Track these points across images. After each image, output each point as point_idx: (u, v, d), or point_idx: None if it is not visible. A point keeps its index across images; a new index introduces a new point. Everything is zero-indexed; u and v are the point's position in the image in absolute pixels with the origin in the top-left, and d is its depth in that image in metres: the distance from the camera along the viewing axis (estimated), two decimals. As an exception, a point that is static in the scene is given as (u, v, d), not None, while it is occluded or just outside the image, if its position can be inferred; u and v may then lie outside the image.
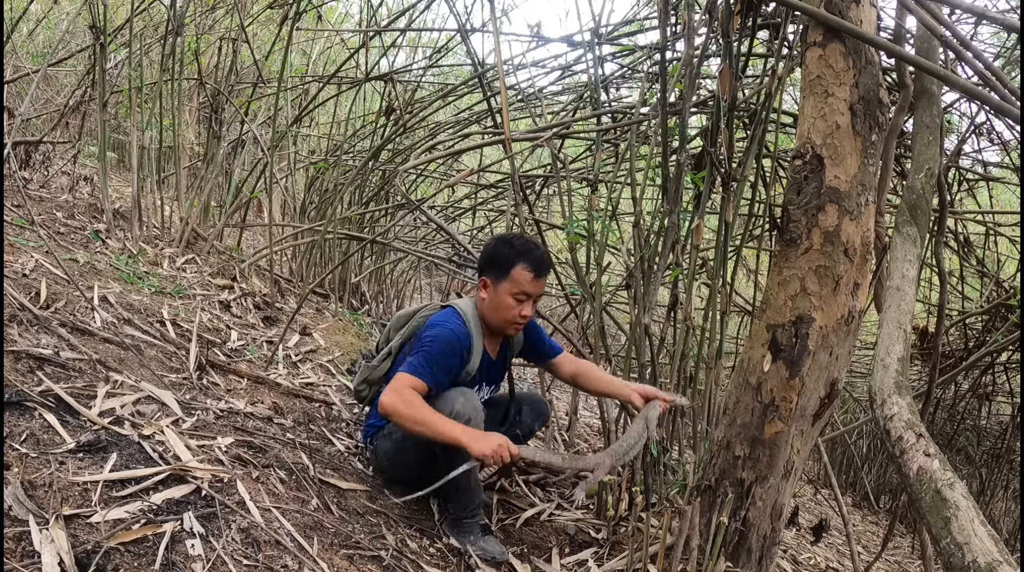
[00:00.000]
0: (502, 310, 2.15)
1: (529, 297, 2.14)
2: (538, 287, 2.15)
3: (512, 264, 2.13)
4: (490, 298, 2.18)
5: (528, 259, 2.13)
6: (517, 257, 2.13)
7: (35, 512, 1.42)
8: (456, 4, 3.25)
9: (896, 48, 2.11)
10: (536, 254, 2.15)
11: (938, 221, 2.47)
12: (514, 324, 2.18)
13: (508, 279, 2.13)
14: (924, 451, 1.53)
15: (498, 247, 2.19)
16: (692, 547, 2.00)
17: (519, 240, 2.19)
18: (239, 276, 3.86)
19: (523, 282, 2.12)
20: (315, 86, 4.76)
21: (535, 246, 2.19)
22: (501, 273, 2.14)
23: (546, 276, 2.19)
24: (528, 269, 2.12)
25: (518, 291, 2.13)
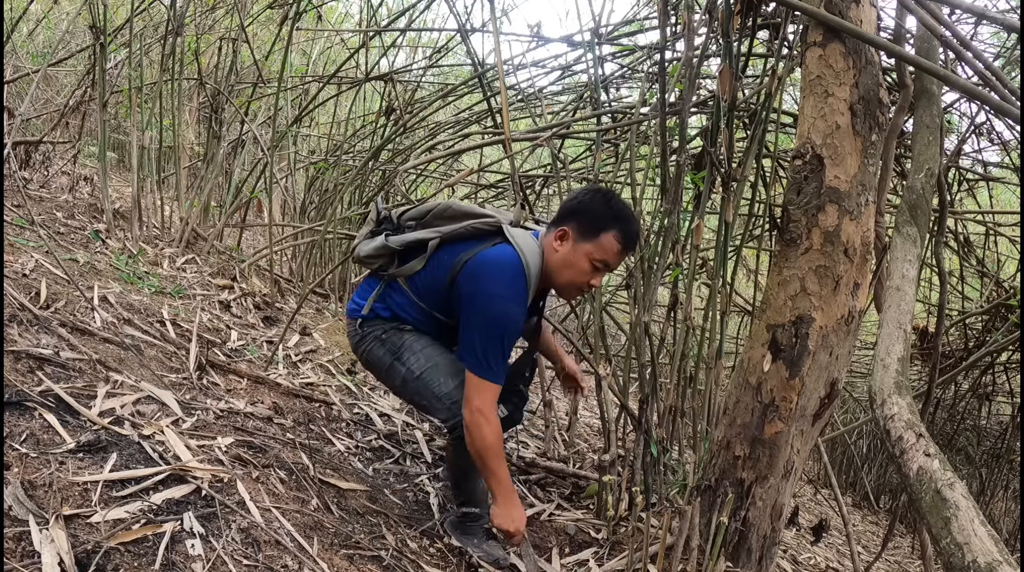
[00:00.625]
0: (574, 273, 1.92)
1: (608, 268, 1.93)
2: (620, 261, 1.94)
3: (605, 227, 1.88)
4: (565, 254, 1.92)
5: (623, 229, 1.89)
6: (613, 221, 1.88)
7: (35, 512, 1.42)
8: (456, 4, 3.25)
9: (896, 48, 2.11)
10: (633, 226, 1.92)
11: (938, 221, 2.47)
12: (578, 291, 1.98)
13: (594, 242, 1.89)
14: (924, 451, 1.53)
15: (595, 201, 1.91)
16: (692, 547, 2.00)
17: (618, 202, 1.94)
18: (239, 276, 3.86)
19: (609, 251, 1.89)
20: (315, 86, 4.76)
21: (633, 217, 1.95)
22: (589, 232, 1.89)
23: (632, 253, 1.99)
24: (619, 239, 1.89)
25: (600, 259, 1.89)
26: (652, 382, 2.33)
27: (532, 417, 3.81)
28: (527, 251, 1.91)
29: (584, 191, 1.98)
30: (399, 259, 2.08)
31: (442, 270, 1.97)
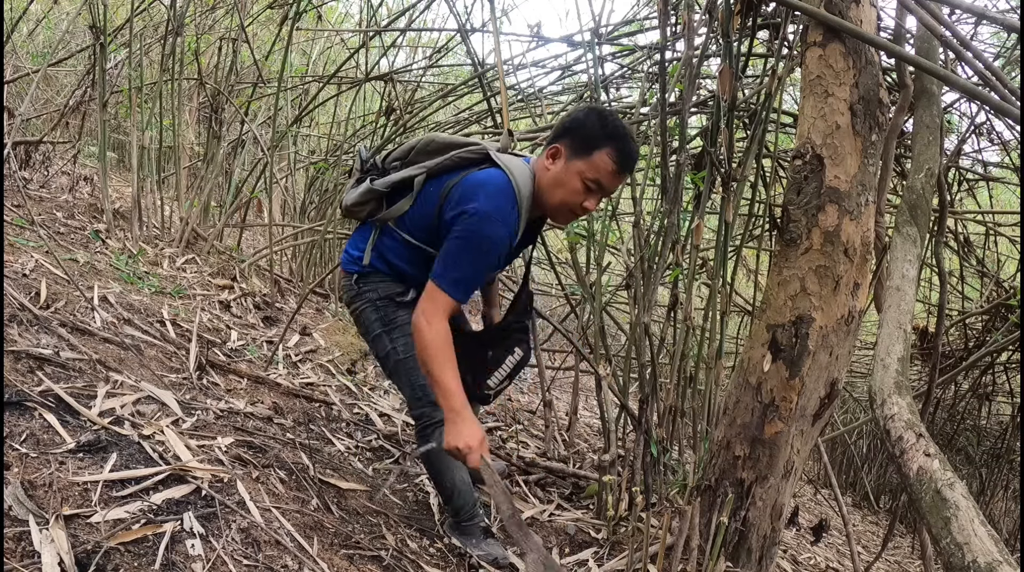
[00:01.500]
0: (566, 192, 1.82)
1: (602, 190, 1.83)
2: (615, 183, 1.84)
3: (598, 145, 1.78)
4: (556, 172, 1.83)
5: (618, 146, 1.78)
6: (607, 139, 1.78)
7: (35, 512, 1.42)
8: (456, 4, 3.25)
9: (896, 48, 2.11)
10: (629, 145, 1.80)
11: (938, 221, 2.47)
12: (572, 213, 1.88)
13: (587, 160, 1.79)
14: (924, 451, 1.53)
15: (589, 118, 1.82)
16: (692, 547, 2.00)
17: (615, 120, 1.83)
18: (239, 276, 3.86)
19: (602, 170, 1.79)
20: (315, 86, 4.76)
21: (630, 135, 1.83)
22: (581, 149, 1.80)
23: (629, 174, 1.88)
24: (613, 158, 1.78)
25: (593, 178, 1.80)
26: (652, 382, 2.33)
27: (532, 417, 3.81)
28: (517, 173, 1.84)
29: (580, 109, 1.89)
30: (387, 202, 2.00)
31: (430, 203, 1.89)
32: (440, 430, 1.91)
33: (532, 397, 4.49)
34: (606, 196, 1.89)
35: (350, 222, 4.39)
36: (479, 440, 1.75)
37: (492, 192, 1.79)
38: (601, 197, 1.87)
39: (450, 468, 2.00)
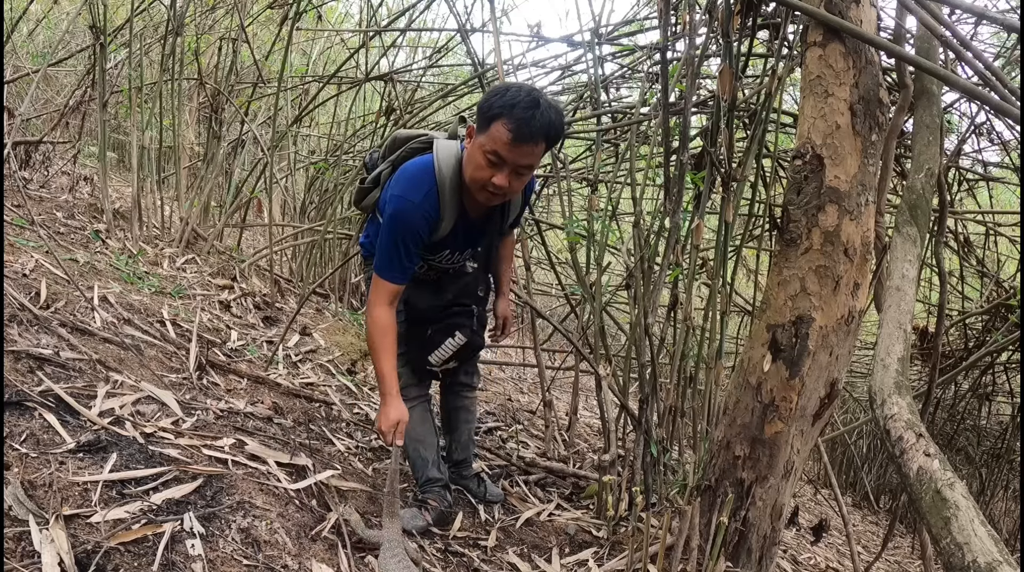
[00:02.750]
0: (472, 168, 1.82)
1: (504, 162, 1.76)
2: (517, 153, 1.75)
3: (495, 116, 1.74)
4: (468, 150, 1.85)
5: (511, 116, 1.71)
6: (501, 109, 1.73)
7: (35, 512, 1.42)
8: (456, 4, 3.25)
9: (896, 48, 2.10)
10: (526, 113, 1.71)
11: (938, 221, 2.47)
12: (484, 190, 1.83)
13: (486, 133, 1.76)
14: (924, 451, 1.53)
15: (491, 94, 1.79)
16: (692, 547, 2.00)
17: (515, 91, 1.75)
18: (239, 276, 3.86)
19: (498, 141, 1.74)
20: (315, 86, 4.75)
21: (530, 103, 1.73)
22: (483, 124, 1.78)
23: (531, 144, 1.75)
24: (507, 127, 1.72)
25: (491, 150, 1.76)
26: (652, 382, 2.33)
27: (532, 417, 3.81)
28: (443, 155, 1.90)
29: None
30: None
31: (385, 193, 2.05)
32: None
33: (532, 397, 4.49)
34: (519, 170, 1.80)
35: (350, 222, 4.39)
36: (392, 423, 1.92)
37: (406, 176, 1.92)
38: (513, 172, 1.79)
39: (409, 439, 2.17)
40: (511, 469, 2.79)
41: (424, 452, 2.20)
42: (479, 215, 2.04)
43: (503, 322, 2.47)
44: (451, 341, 2.16)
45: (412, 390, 2.20)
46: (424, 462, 2.20)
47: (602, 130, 2.88)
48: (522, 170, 1.81)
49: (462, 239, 2.06)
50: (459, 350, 2.18)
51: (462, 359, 2.25)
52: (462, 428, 2.44)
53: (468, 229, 2.04)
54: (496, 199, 1.89)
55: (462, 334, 2.16)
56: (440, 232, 1.97)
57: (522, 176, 1.83)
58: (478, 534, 2.22)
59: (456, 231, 2.01)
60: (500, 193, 1.84)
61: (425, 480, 2.18)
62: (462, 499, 2.42)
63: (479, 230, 2.09)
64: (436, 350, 2.16)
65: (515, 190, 1.86)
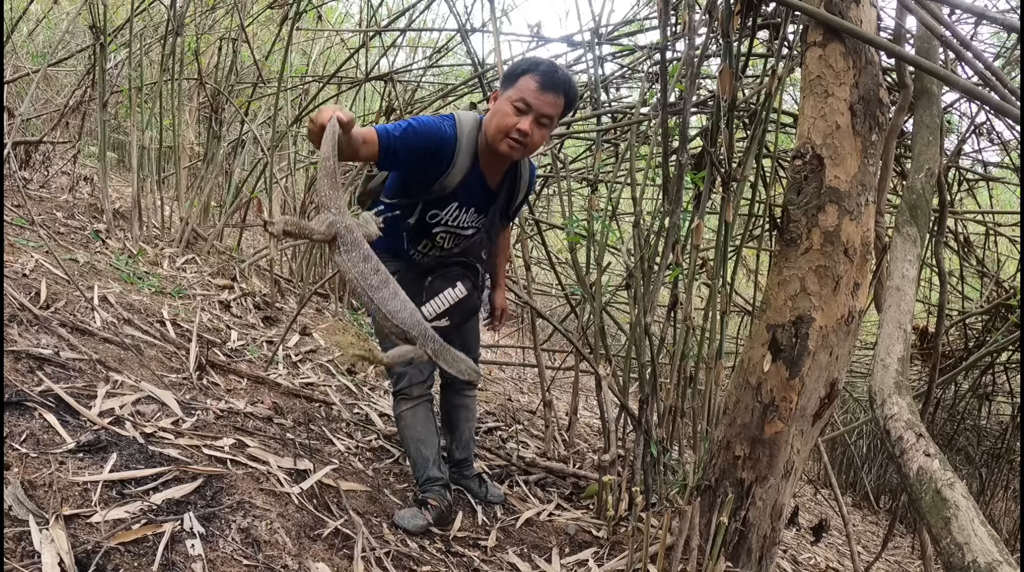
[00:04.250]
0: (499, 117, 1.98)
1: (530, 109, 1.95)
2: (542, 101, 1.95)
3: (521, 72, 1.97)
4: (493, 108, 2.02)
5: (537, 71, 1.96)
6: (529, 67, 1.98)
7: (35, 512, 1.42)
8: (456, 4, 3.25)
9: (896, 48, 2.11)
10: (548, 68, 1.97)
11: (938, 221, 2.47)
12: (507, 137, 1.98)
13: (513, 87, 1.97)
14: (924, 451, 1.53)
15: (517, 63, 2.04)
16: (692, 547, 2.00)
17: (541, 59, 2.05)
18: (239, 276, 3.86)
19: (525, 90, 1.95)
20: (315, 86, 4.75)
21: (554, 65, 2.00)
22: (509, 82, 1.99)
23: (555, 94, 1.96)
24: (534, 78, 1.95)
25: (518, 98, 1.95)
26: (652, 382, 2.33)
27: (532, 417, 3.81)
28: (462, 114, 2.06)
29: None
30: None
31: None
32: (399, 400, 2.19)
33: (532, 397, 4.50)
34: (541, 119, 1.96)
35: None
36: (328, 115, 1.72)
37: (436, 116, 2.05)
38: (536, 120, 1.95)
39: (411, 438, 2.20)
40: (511, 469, 2.79)
41: (425, 451, 2.20)
42: (493, 180, 2.12)
43: (500, 313, 2.48)
44: (451, 291, 2.11)
45: (415, 389, 2.19)
46: (425, 461, 2.20)
47: (602, 130, 2.88)
48: (544, 120, 1.96)
49: (471, 196, 2.10)
50: (457, 303, 2.10)
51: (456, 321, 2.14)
52: (462, 426, 2.44)
53: (479, 189, 2.11)
54: (517, 151, 1.99)
55: (463, 286, 2.12)
56: (452, 174, 2.02)
57: (543, 127, 1.98)
58: (478, 534, 2.22)
59: (467, 184, 2.06)
60: (522, 142, 1.96)
61: (425, 479, 2.19)
62: (462, 499, 2.42)
63: (488, 197, 2.15)
64: (434, 299, 2.09)
65: (535, 141, 1.99)
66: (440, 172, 2.01)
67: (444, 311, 2.08)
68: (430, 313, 2.04)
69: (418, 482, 2.22)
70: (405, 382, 2.17)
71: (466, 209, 2.12)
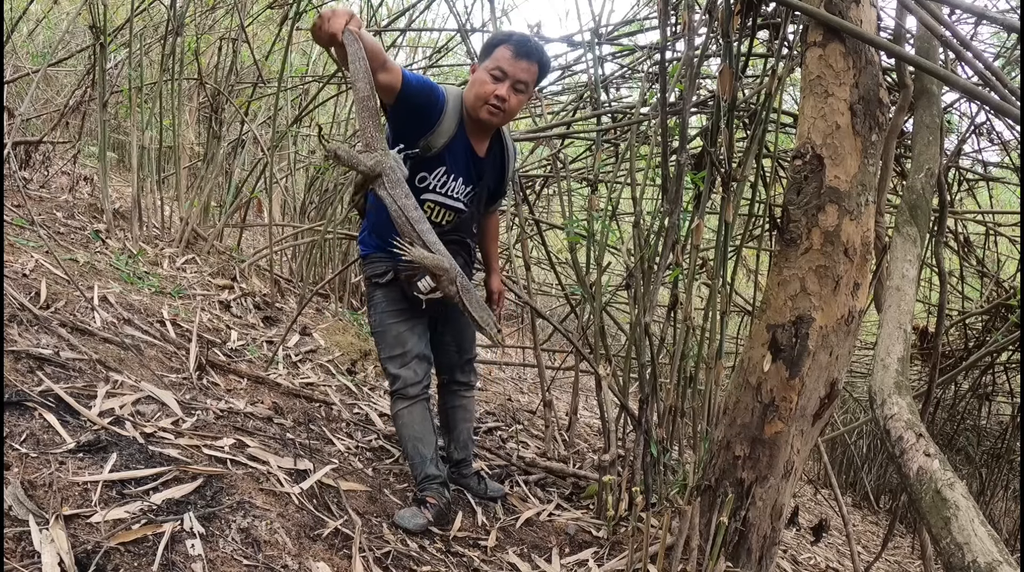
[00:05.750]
0: (476, 86, 2.09)
1: (506, 76, 2.06)
2: (517, 68, 2.06)
3: (496, 44, 2.09)
4: (472, 79, 2.13)
5: (511, 41, 2.08)
6: (502, 39, 2.10)
7: (35, 512, 1.42)
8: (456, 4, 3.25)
9: (896, 48, 2.10)
10: (520, 38, 2.09)
11: (938, 221, 2.47)
12: (486, 103, 2.08)
13: (489, 58, 2.09)
14: (924, 451, 1.53)
15: (491, 36, 2.17)
16: (692, 547, 2.00)
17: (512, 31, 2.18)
18: (239, 276, 3.86)
19: (501, 59, 2.06)
20: (315, 86, 4.76)
21: (526, 35, 2.13)
22: (485, 55, 2.11)
23: (529, 60, 2.07)
24: (508, 47, 2.06)
25: (495, 67, 2.06)
26: (652, 382, 2.33)
27: (532, 417, 3.81)
28: (448, 87, 2.16)
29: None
30: None
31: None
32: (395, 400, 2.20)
33: (532, 397, 4.50)
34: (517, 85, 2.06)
35: (350, 222, 4.39)
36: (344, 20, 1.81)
37: None
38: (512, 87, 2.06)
39: (408, 437, 2.21)
40: (511, 469, 2.79)
41: (423, 449, 2.20)
42: (480, 149, 2.20)
43: (497, 296, 2.48)
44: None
45: (411, 389, 2.19)
46: (423, 460, 2.20)
47: (602, 130, 2.88)
48: (520, 86, 2.07)
49: (459, 161, 2.16)
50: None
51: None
52: (461, 427, 2.44)
53: (465, 153, 2.17)
54: (496, 115, 2.09)
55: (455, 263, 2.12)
56: (438, 134, 2.10)
57: (519, 94, 2.08)
58: (478, 534, 2.22)
59: (453, 147, 2.13)
60: (501, 107, 2.07)
61: (423, 477, 2.19)
62: (462, 499, 2.42)
63: (477, 165, 2.21)
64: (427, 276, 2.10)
65: (512, 108, 2.09)
66: (429, 126, 2.09)
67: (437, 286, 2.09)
68: (425, 288, 2.08)
69: (416, 481, 2.22)
70: (401, 382, 2.17)
71: (454, 176, 2.17)
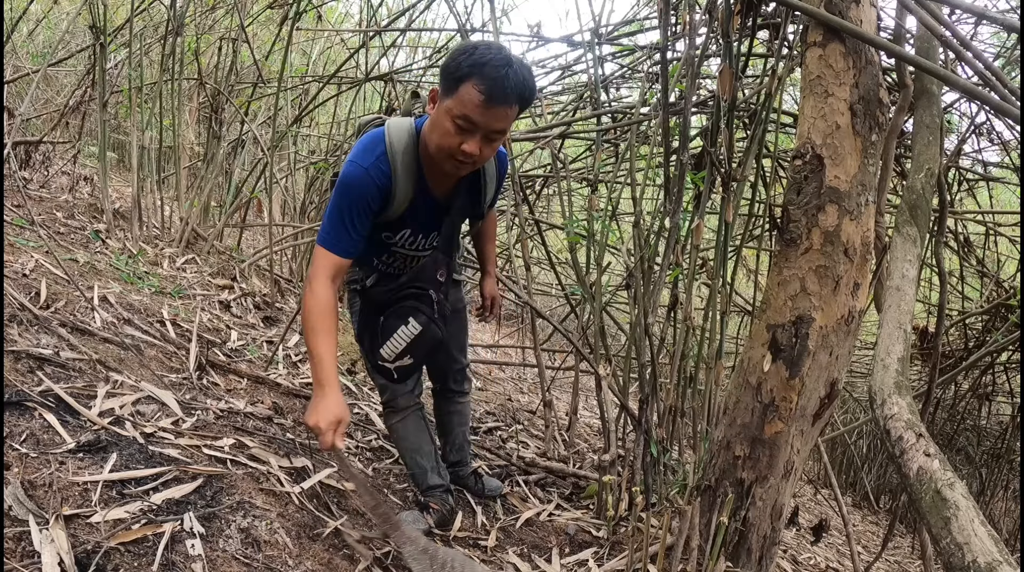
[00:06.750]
0: (439, 135, 1.65)
1: (475, 128, 1.60)
2: (490, 117, 1.59)
3: (462, 77, 1.58)
4: (432, 116, 1.68)
5: (481, 76, 1.56)
6: (471, 70, 1.56)
7: (35, 512, 1.42)
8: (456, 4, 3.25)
9: (896, 48, 2.10)
10: (497, 71, 1.56)
11: (938, 221, 2.47)
12: (452, 159, 1.66)
13: (454, 96, 1.60)
14: (924, 451, 1.53)
15: (455, 53, 1.62)
16: (692, 547, 2.00)
17: (484, 49, 1.59)
18: (239, 276, 3.86)
19: (468, 104, 1.58)
20: (315, 86, 4.75)
21: (501, 62, 1.57)
22: (448, 87, 1.61)
23: (505, 106, 1.60)
24: (479, 88, 1.56)
25: (460, 115, 1.59)
26: (652, 382, 2.33)
27: (532, 417, 3.81)
28: (393, 127, 1.76)
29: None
30: None
31: None
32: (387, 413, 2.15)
33: (532, 397, 4.49)
34: (491, 136, 1.64)
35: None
36: (330, 421, 1.61)
37: (358, 145, 1.76)
38: (484, 138, 1.63)
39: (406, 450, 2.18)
40: (511, 469, 2.79)
41: (422, 461, 2.17)
42: (444, 193, 1.87)
43: (491, 302, 2.32)
44: (404, 329, 1.88)
45: (401, 401, 2.10)
46: (423, 471, 2.17)
47: (602, 130, 2.88)
48: (494, 135, 1.64)
49: (424, 219, 1.88)
50: (414, 340, 1.89)
51: (420, 357, 1.94)
52: (456, 431, 2.43)
53: (431, 209, 1.86)
54: (465, 168, 1.72)
55: (416, 321, 1.89)
56: (395, 206, 1.78)
57: (493, 142, 1.66)
58: (478, 534, 2.22)
59: (415, 208, 1.83)
60: (469, 161, 1.67)
61: (427, 487, 2.17)
62: (462, 499, 2.42)
63: (440, 212, 1.90)
64: (389, 341, 1.89)
65: (485, 158, 1.70)
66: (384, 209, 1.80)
67: (403, 350, 1.90)
68: (389, 355, 1.89)
69: (420, 490, 2.20)
70: (390, 394, 2.09)
71: (422, 235, 1.93)
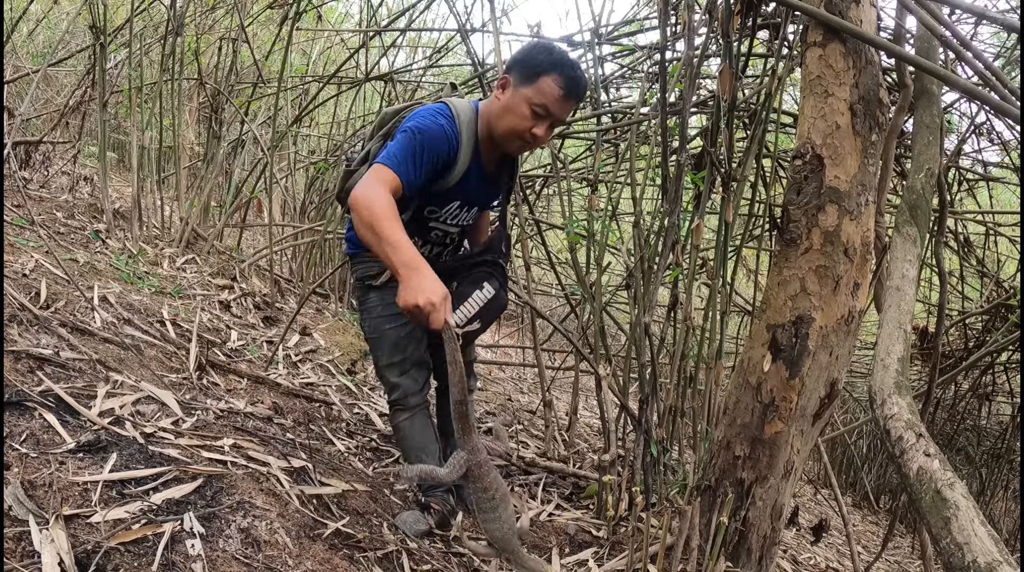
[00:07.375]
0: (513, 118, 1.85)
1: (550, 116, 1.84)
2: (563, 109, 1.85)
3: (543, 71, 1.82)
4: (505, 101, 1.87)
5: (564, 73, 1.81)
6: (552, 67, 1.82)
7: (35, 512, 1.42)
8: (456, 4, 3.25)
9: (896, 48, 2.11)
10: (576, 72, 1.83)
11: (938, 221, 2.47)
12: (520, 140, 1.88)
13: (533, 86, 1.82)
14: (924, 451, 1.53)
15: (534, 50, 1.86)
16: (692, 547, 2.00)
17: (558, 51, 1.86)
18: (239, 276, 3.86)
19: (548, 95, 1.82)
20: (315, 86, 4.76)
21: (576, 65, 1.85)
22: (527, 77, 1.83)
23: (576, 102, 1.89)
24: (559, 83, 1.81)
25: (539, 103, 1.82)
26: (652, 382, 2.33)
27: (532, 417, 3.81)
28: (458, 102, 1.92)
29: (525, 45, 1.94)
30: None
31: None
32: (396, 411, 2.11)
33: (532, 397, 4.50)
34: (557, 124, 1.91)
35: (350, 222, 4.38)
36: (441, 296, 1.57)
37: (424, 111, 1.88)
38: (551, 125, 1.88)
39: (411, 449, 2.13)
40: (511, 469, 2.79)
41: (426, 460, 2.14)
42: (491, 169, 2.04)
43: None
44: (479, 293, 1.96)
45: (411, 399, 2.12)
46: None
47: (602, 130, 2.88)
48: (558, 124, 1.92)
49: (473, 191, 2.01)
50: (486, 305, 1.97)
51: (487, 322, 2.02)
52: None
53: (480, 181, 2.01)
54: (526, 148, 1.97)
55: (490, 286, 1.98)
56: (455, 172, 1.91)
57: (553, 130, 1.93)
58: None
59: (469, 178, 1.96)
60: (533, 144, 1.91)
61: (428, 486, 2.17)
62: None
63: (491, 185, 2.07)
64: (463, 305, 1.92)
65: (544, 142, 1.93)
66: (444, 173, 1.92)
67: (475, 314, 1.95)
68: (460, 319, 1.91)
69: (421, 489, 2.21)
70: (400, 392, 2.10)
71: (467, 207, 2.05)
